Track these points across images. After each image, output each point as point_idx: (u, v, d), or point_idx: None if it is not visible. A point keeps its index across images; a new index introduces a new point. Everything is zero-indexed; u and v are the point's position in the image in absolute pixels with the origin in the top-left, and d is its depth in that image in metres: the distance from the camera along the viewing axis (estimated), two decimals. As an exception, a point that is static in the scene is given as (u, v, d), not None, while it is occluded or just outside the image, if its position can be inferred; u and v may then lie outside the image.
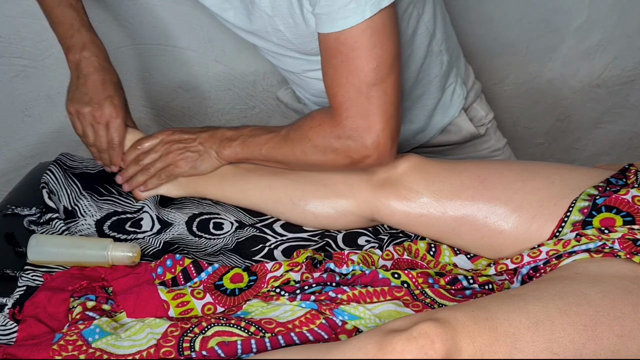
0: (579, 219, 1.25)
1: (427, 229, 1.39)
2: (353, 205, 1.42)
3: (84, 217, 1.44)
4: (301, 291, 1.24)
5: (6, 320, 1.19)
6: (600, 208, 1.25)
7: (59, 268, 1.31)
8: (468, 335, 0.98)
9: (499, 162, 1.46)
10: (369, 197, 1.41)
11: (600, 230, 1.21)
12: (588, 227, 1.23)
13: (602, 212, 1.24)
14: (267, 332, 1.15)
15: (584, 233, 1.22)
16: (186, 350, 1.12)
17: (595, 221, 1.23)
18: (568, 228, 1.26)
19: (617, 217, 1.23)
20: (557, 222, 1.27)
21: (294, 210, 1.45)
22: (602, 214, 1.24)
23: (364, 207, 1.41)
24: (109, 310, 1.22)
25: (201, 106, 2.08)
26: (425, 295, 1.23)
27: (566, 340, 1.00)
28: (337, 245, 1.43)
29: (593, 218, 1.24)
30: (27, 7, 1.80)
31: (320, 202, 1.44)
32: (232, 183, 1.49)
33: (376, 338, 0.99)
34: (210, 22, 1.91)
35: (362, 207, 1.42)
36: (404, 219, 1.39)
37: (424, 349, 0.96)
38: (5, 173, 2.07)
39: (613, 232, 1.19)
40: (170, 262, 1.30)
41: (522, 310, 1.02)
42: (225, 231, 1.47)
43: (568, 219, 1.26)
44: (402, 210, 1.38)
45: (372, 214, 1.42)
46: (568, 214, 1.26)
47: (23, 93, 1.95)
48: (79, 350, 1.11)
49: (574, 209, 1.26)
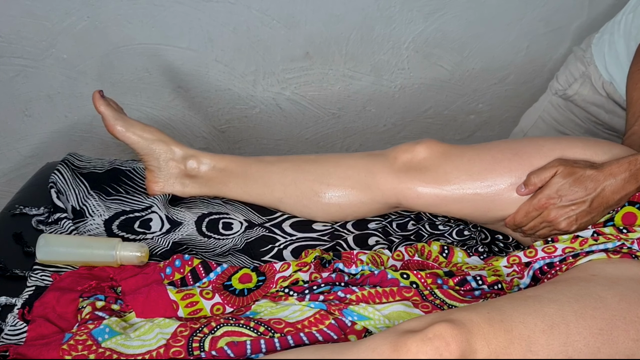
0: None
1: (460, 207, 1.38)
2: (378, 194, 1.42)
3: (92, 216, 1.43)
4: (310, 291, 1.24)
5: (16, 320, 1.19)
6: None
7: (67, 268, 1.31)
8: (483, 337, 0.99)
9: (529, 137, 1.45)
10: (394, 183, 1.41)
11: (619, 229, 1.21)
12: (609, 223, 1.23)
13: (625, 205, 1.25)
14: (276, 332, 1.15)
15: (602, 232, 1.22)
16: (195, 350, 1.11)
17: (617, 217, 1.24)
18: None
19: (638, 212, 1.23)
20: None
21: (319, 202, 1.46)
22: (625, 207, 1.25)
23: (389, 194, 1.42)
24: (118, 310, 1.22)
25: (201, 106, 2.08)
26: (434, 296, 1.23)
27: (581, 343, 1.00)
28: (347, 245, 1.44)
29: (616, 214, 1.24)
30: (27, 7, 1.80)
31: (345, 192, 1.44)
32: (256, 179, 1.49)
33: (391, 339, 0.99)
34: (210, 22, 1.91)
35: (387, 194, 1.42)
36: (434, 201, 1.39)
37: (439, 350, 0.96)
38: (5, 173, 2.06)
39: (632, 231, 1.20)
40: (179, 263, 1.30)
41: (538, 312, 1.02)
42: (234, 231, 1.47)
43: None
44: (431, 193, 1.38)
45: (397, 200, 1.42)
46: None
47: (23, 93, 1.95)
48: (88, 350, 1.11)
49: None
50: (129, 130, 1.47)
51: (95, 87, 1.93)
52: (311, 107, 2.14)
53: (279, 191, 1.48)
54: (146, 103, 2.04)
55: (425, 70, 2.14)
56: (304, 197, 1.46)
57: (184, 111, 2.08)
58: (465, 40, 2.10)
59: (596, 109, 1.83)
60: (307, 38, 1.99)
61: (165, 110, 2.07)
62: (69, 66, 1.93)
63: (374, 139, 2.29)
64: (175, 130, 2.11)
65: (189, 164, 1.50)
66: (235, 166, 1.50)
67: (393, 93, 2.18)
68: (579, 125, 1.87)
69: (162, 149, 1.48)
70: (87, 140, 2.05)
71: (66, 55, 1.91)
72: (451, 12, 2.02)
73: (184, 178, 1.50)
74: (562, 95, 1.89)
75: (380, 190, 1.42)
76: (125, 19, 1.88)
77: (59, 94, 1.97)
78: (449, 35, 2.08)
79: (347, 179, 1.44)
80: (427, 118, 2.27)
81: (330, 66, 2.07)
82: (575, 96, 1.84)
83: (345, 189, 1.44)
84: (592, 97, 1.82)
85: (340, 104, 2.15)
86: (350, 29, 2.00)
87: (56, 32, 1.86)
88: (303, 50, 2.02)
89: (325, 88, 2.11)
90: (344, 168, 1.45)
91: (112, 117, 1.47)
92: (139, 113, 2.05)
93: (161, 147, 1.48)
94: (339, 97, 2.14)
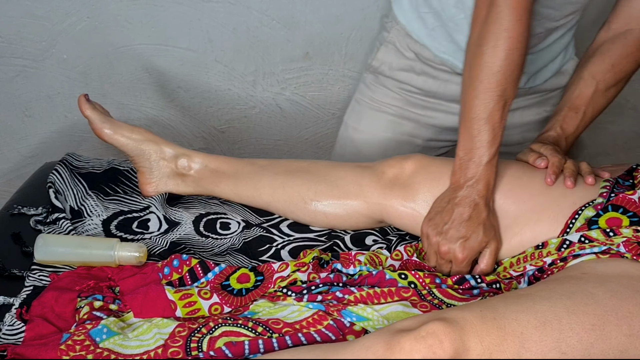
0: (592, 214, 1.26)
1: None
2: (363, 207, 1.43)
3: (90, 217, 1.44)
4: (308, 291, 1.24)
5: (14, 320, 1.19)
6: (607, 207, 1.25)
7: (65, 268, 1.31)
8: (476, 334, 0.98)
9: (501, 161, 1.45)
10: (378, 199, 1.41)
11: (605, 232, 1.21)
12: (594, 227, 1.23)
13: (608, 211, 1.25)
14: (274, 333, 1.15)
15: (589, 236, 1.22)
16: (194, 351, 1.11)
17: (601, 221, 1.24)
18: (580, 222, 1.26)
19: (623, 217, 1.23)
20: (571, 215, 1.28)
21: (306, 209, 1.46)
22: (608, 213, 1.25)
23: (374, 208, 1.42)
24: (116, 310, 1.22)
25: (201, 106, 2.08)
26: (432, 295, 1.23)
27: (574, 339, 1.00)
28: (345, 246, 1.44)
29: (599, 218, 1.24)
30: (27, 7, 1.81)
31: (332, 202, 1.44)
32: (246, 181, 1.49)
33: (384, 338, 0.99)
34: (210, 22, 1.91)
35: (372, 208, 1.42)
36: (410, 222, 1.40)
37: (432, 349, 0.96)
38: (5, 173, 2.07)
39: (618, 234, 1.20)
40: (177, 262, 1.30)
41: (530, 310, 1.02)
42: (232, 231, 1.47)
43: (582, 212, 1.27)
44: (408, 213, 1.39)
45: (381, 215, 1.43)
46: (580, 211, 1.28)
47: (23, 93, 1.95)
48: (86, 350, 1.11)
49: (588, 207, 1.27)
50: (117, 133, 1.47)
51: (95, 87, 1.94)
52: (311, 108, 2.14)
53: (268, 195, 1.48)
54: (146, 103, 2.05)
55: (425, 70, 2.14)
56: (291, 203, 1.46)
57: (184, 111, 2.08)
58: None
59: (406, 74, 1.71)
60: (307, 38, 2.00)
61: (165, 110, 2.07)
62: (69, 66, 1.93)
63: (373, 139, 2.29)
64: (175, 130, 2.11)
65: (180, 163, 1.50)
66: (227, 167, 1.50)
67: (393, 93, 2.17)
68: (394, 98, 1.75)
69: (152, 149, 1.48)
70: (87, 140, 2.05)
71: (66, 56, 1.91)
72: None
73: (176, 177, 1.50)
74: (369, 70, 1.78)
75: (366, 203, 1.43)
76: (125, 19, 1.88)
77: (59, 94, 1.97)
78: (448, 36, 2.07)
79: (335, 188, 1.44)
80: (427, 118, 2.27)
81: (330, 66, 2.07)
82: (382, 67, 1.73)
83: (332, 199, 1.44)
84: (399, 63, 1.71)
85: (340, 104, 2.15)
86: (350, 29, 2.01)
87: (56, 33, 1.86)
88: (303, 50, 2.02)
89: (325, 88, 2.11)
90: (333, 178, 1.45)
91: (99, 120, 1.46)
92: (138, 113, 2.05)
93: (151, 147, 1.48)
94: (338, 97, 2.14)
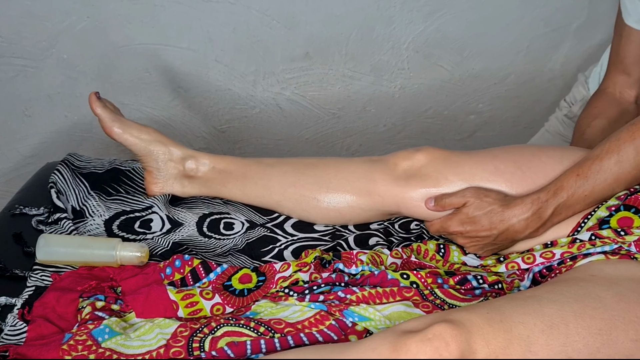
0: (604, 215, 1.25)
1: None
2: (378, 201, 1.43)
3: (92, 217, 1.44)
4: (310, 291, 1.24)
5: (15, 320, 1.19)
6: (619, 207, 1.25)
7: (67, 268, 1.31)
8: (482, 337, 0.98)
9: (533, 147, 1.45)
10: (395, 191, 1.41)
11: (616, 231, 1.21)
12: (605, 226, 1.23)
13: (620, 211, 1.25)
14: (276, 333, 1.14)
15: (600, 234, 1.22)
16: (196, 351, 1.11)
17: (612, 220, 1.24)
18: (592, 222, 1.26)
19: (635, 217, 1.23)
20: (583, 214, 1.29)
21: (318, 207, 1.46)
22: (620, 212, 1.25)
23: (390, 201, 1.42)
24: (118, 310, 1.22)
25: (201, 106, 2.08)
26: (434, 295, 1.23)
27: (581, 344, 1.00)
28: (348, 246, 1.43)
29: (611, 217, 1.24)
30: (27, 7, 1.80)
31: (344, 198, 1.44)
32: (255, 180, 1.49)
33: (390, 339, 0.99)
34: (210, 21, 1.91)
35: (388, 201, 1.42)
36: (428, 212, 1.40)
37: (439, 351, 0.96)
38: (5, 173, 2.06)
39: (629, 234, 1.20)
40: (179, 263, 1.30)
41: (537, 313, 1.02)
42: (235, 231, 1.47)
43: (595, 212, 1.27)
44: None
45: (397, 207, 1.43)
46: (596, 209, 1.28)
47: (23, 93, 1.95)
48: (88, 350, 1.11)
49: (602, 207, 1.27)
50: (127, 132, 1.46)
51: (95, 87, 1.93)
52: (311, 107, 2.14)
53: (278, 194, 1.48)
54: (146, 103, 2.04)
55: (425, 70, 2.14)
56: (303, 201, 1.46)
57: (184, 111, 2.08)
58: (465, 41, 2.10)
59: None
60: (307, 38, 1.99)
61: (165, 110, 2.07)
62: (69, 66, 1.93)
63: (374, 139, 2.29)
64: (175, 130, 2.11)
65: (187, 165, 1.49)
66: (235, 167, 1.50)
67: (393, 93, 2.18)
68: None
69: (161, 150, 1.48)
70: (87, 140, 2.05)
71: (66, 55, 1.91)
72: (451, 12, 2.03)
73: (183, 179, 1.50)
74: (566, 114, 1.91)
75: (380, 197, 1.42)
76: (125, 19, 1.88)
77: (59, 94, 1.97)
78: (449, 36, 2.08)
79: (347, 184, 1.44)
80: (427, 118, 2.27)
81: (330, 66, 2.07)
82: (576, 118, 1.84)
83: (345, 194, 1.44)
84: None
85: (340, 104, 2.15)
86: (350, 29, 2.00)
87: (56, 32, 1.86)
88: (303, 50, 2.02)
89: (325, 88, 2.11)
90: (344, 173, 1.45)
91: (109, 119, 1.46)
92: (139, 113, 2.05)
93: (159, 148, 1.48)
94: (339, 97, 2.14)
